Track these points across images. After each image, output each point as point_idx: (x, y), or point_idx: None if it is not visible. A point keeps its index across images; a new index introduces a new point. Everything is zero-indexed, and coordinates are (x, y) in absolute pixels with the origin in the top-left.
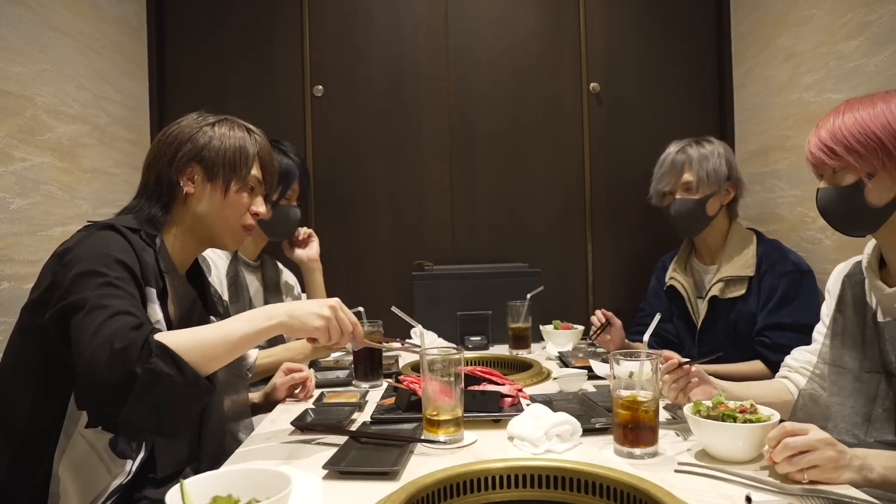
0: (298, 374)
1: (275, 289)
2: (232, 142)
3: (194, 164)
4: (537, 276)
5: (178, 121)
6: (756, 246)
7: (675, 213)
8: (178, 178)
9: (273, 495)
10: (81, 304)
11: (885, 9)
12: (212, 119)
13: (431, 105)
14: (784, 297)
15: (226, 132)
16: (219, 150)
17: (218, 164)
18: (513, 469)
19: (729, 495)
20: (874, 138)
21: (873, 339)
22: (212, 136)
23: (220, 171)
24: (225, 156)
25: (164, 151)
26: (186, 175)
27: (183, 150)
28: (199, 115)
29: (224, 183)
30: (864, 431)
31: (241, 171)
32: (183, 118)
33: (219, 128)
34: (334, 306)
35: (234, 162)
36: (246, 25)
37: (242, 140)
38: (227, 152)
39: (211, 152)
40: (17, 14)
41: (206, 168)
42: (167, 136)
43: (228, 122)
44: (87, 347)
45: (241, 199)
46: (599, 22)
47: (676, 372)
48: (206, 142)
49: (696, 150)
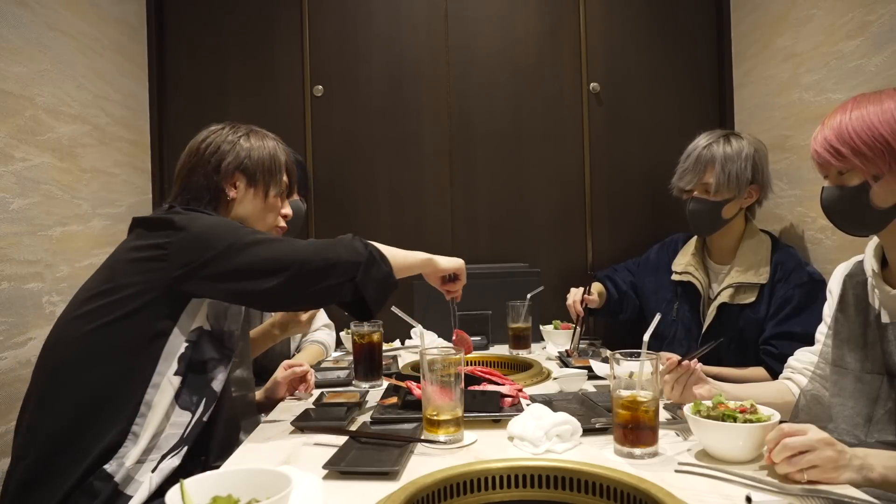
0: (299, 369)
1: None
2: (266, 151)
3: (238, 172)
4: (537, 276)
5: (208, 131)
6: (771, 252)
7: (690, 213)
8: (224, 185)
9: (273, 495)
10: (259, 239)
11: (885, 9)
12: (243, 130)
13: (431, 105)
14: (797, 307)
15: (260, 143)
16: (258, 160)
17: (259, 172)
18: (513, 469)
19: (729, 495)
20: (881, 140)
21: (875, 340)
22: (250, 147)
23: (261, 178)
24: (263, 164)
25: (207, 160)
26: (230, 182)
27: (227, 160)
28: (229, 127)
29: (264, 189)
30: (865, 432)
31: (277, 178)
32: (212, 129)
33: (253, 139)
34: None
35: (271, 170)
36: (246, 25)
37: (273, 149)
38: (265, 161)
39: (252, 162)
40: (17, 14)
41: (248, 176)
42: (205, 145)
43: (256, 132)
44: (305, 248)
45: (276, 203)
46: (599, 22)
47: (676, 371)
48: (247, 153)
49: (723, 148)
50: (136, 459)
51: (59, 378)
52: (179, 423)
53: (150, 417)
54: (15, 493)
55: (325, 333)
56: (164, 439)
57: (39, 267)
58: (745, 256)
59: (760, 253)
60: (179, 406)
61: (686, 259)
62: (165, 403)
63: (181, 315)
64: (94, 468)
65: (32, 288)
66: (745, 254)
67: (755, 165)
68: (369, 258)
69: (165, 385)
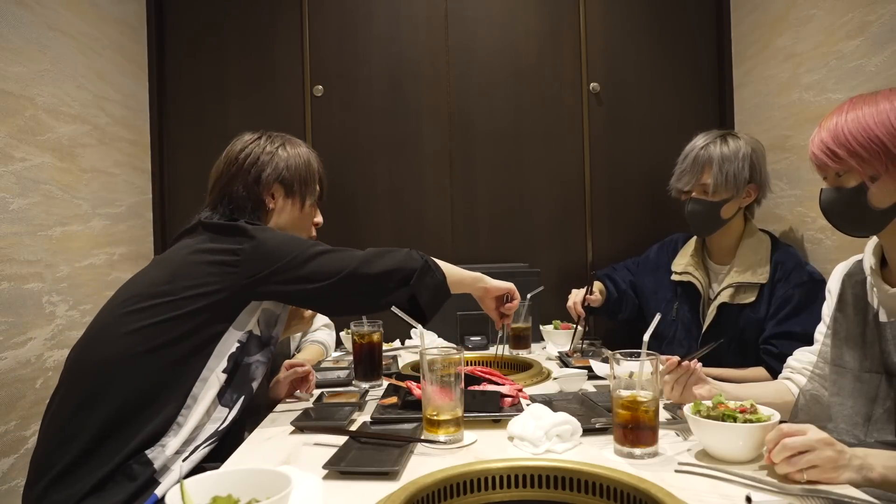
0: (301, 369)
1: None
2: (302, 161)
3: (276, 183)
4: (537, 276)
5: (245, 141)
6: (771, 252)
7: (689, 214)
8: (264, 196)
9: (273, 495)
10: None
11: (885, 9)
12: (279, 141)
13: (431, 105)
14: (797, 306)
15: (294, 152)
16: (295, 171)
17: (296, 183)
18: (513, 469)
19: (729, 495)
20: (877, 141)
21: (874, 339)
22: (287, 157)
23: (298, 189)
24: (300, 174)
25: (246, 171)
26: (269, 193)
27: (266, 171)
28: (265, 137)
29: (301, 199)
30: (864, 432)
31: (312, 186)
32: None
33: (290, 148)
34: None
35: (306, 180)
36: (246, 25)
37: (307, 158)
38: (301, 171)
39: (290, 173)
40: (17, 14)
41: (286, 187)
42: (244, 156)
43: (290, 141)
44: (365, 255)
45: (312, 212)
46: (599, 22)
47: (676, 371)
48: (285, 164)
49: (720, 148)
50: (176, 450)
51: (109, 371)
52: (217, 419)
53: (195, 410)
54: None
55: (325, 333)
56: (202, 433)
57: (39, 267)
58: (745, 256)
59: (760, 252)
60: (221, 403)
61: (686, 259)
62: (209, 398)
63: (238, 316)
64: (137, 452)
65: (32, 288)
66: (744, 253)
67: (753, 165)
68: (424, 266)
69: (213, 380)
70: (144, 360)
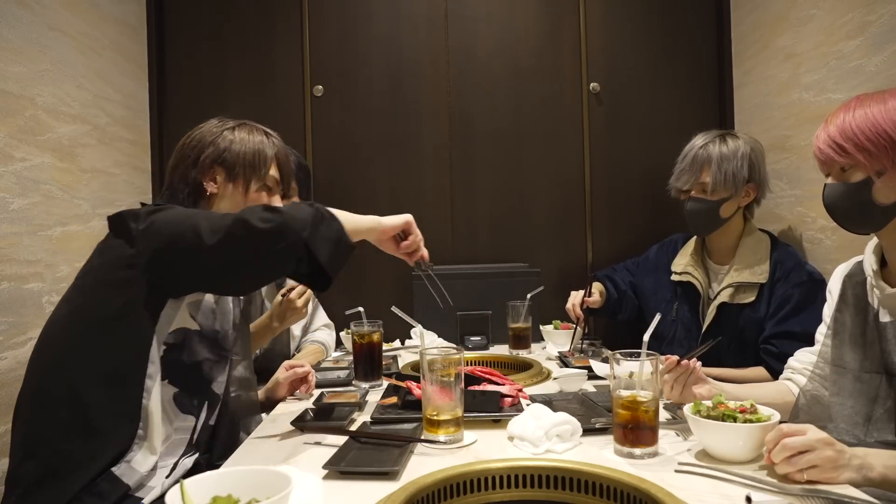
0: (300, 370)
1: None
2: (251, 145)
3: (217, 166)
4: (537, 276)
5: (199, 126)
6: (770, 251)
7: (688, 213)
8: (201, 179)
9: (273, 495)
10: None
11: (885, 9)
12: (231, 124)
13: (431, 105)
14: (797, 306)
15: (245, 136)
16: (239, 153)
17: (238, 166)
18: (513, 469)
19: (729, 495)
20: (885, 136)
21: (874, 340)
22: (232, 139)
23: (241, 172)
24: (245, 158)
25: (187, 155)
26: (209, 176)
27: (206, 153)
28: (219, 121)
29: (244, 183)
30: (864, 432)
31: (260, 172)
32: (204, 124)
33: (238, 132)
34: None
35: (253, 163)
36: (246, 25)
37: (261, 143)
38: (247, 155)
39: (231, 155)
40: (17, 14)
41: (227, 169)
42: (190, 140)
43: (247, 126)
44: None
45: (260, 198)
46: (599, 22)
47: (676, 370)
48: (227, 145)
49: (719, 147)
50: (151, 466)
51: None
52: (185, 428)
53: (152, 422)
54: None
55: (325, 333)
56: (173, 444)
57: (39, 267)
58: (745, 256)
59: (760, 252)
60: (180, 410)
61: (685, 259)
62: (161, 407)
63: (160, 316)
64: (103, 471)
65: (32, 288)
66: (744, 253)
67: (752, 164)
68: (316, 215)
69: (157, 389)
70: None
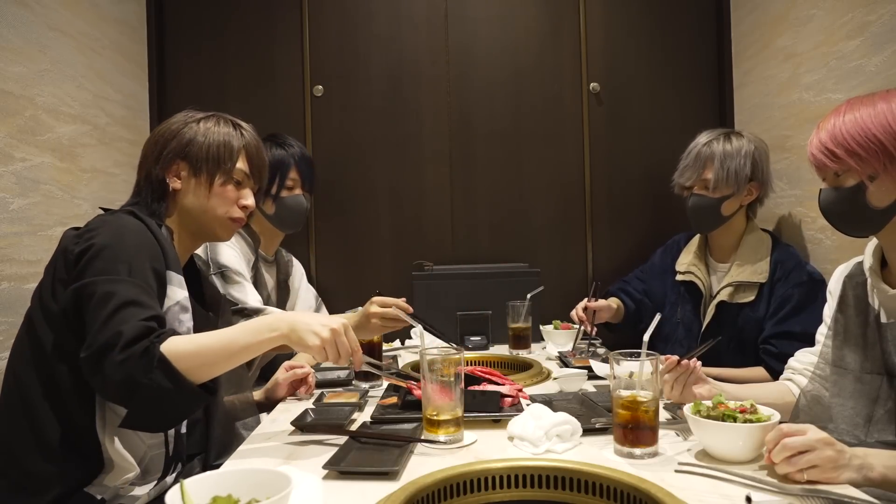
0: (300, 371)
1: (283, 286)
2: (216, 137)
3: (179, 160)
4: (537, 276)
5: (168, 119)
6: (771, 251)
7: (690, 209)
8: (164, 175)
9: (273, 495)
10: (93, 290)
11: (885, 9)
12: (199, 115)
13: (431, 105)
14: (796, 306)
15: (211, 127)
16: (202, 146)
17: (202, 160)
18: (513, 469)
19: (729, 495)
20: (875, 140)
21: (875, 340)
22: (196, 131)
23: (204, 165)
24: (208, 151)
25: (151, 150)
26: (172, 172)
27: (168, 147)
28: (185, 113)
29: (209, 177)
30: (864, 432)
31: (226, 165)
32: (172, 117)
33: (204, 124)
34: (336, 329)
35: (217, 156)
36: (246, 25)
37: (227, 135)
38: (211, 147)
39: (194, 148)
40: (17, 14)
41: (190, 163)
42: (155, 134)
43: (215, 117)
44: (95, 339)
45: (226, 192)
46: (599, 22)
47: (676, 370)
48: (191, 138)
49: (723, 145)
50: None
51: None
52: (156, 444)
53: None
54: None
55: None
56: (151, 462)
57: (39, 267)
58: (745, 254)
59: (760, 251)
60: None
61: (689, 258)
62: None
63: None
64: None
65: (32, 288)
66: (745, 251)
67: (755, 163)
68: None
69: (108, 413)
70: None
